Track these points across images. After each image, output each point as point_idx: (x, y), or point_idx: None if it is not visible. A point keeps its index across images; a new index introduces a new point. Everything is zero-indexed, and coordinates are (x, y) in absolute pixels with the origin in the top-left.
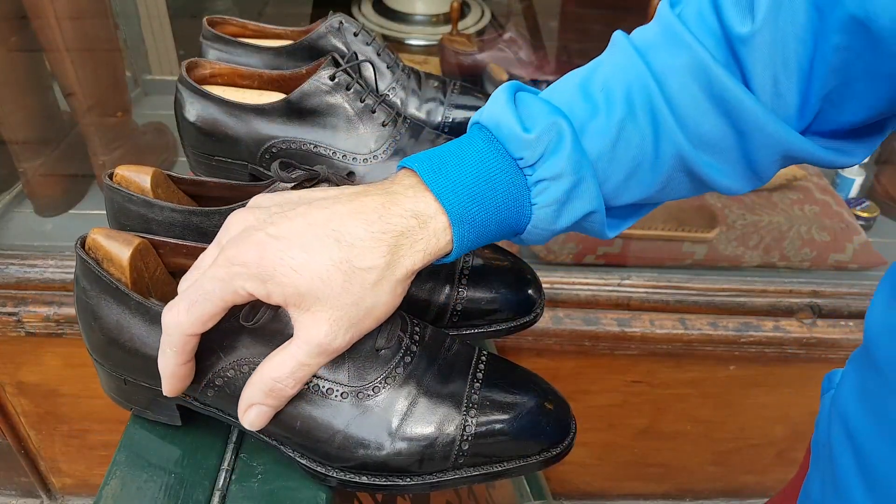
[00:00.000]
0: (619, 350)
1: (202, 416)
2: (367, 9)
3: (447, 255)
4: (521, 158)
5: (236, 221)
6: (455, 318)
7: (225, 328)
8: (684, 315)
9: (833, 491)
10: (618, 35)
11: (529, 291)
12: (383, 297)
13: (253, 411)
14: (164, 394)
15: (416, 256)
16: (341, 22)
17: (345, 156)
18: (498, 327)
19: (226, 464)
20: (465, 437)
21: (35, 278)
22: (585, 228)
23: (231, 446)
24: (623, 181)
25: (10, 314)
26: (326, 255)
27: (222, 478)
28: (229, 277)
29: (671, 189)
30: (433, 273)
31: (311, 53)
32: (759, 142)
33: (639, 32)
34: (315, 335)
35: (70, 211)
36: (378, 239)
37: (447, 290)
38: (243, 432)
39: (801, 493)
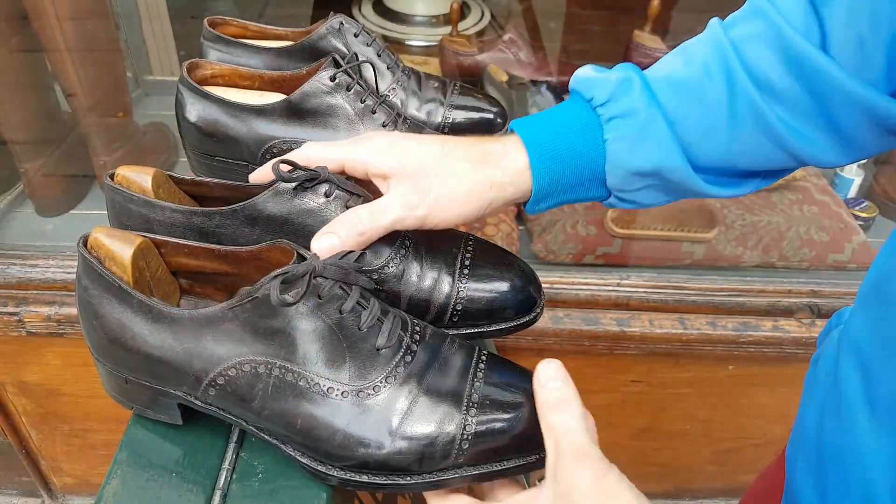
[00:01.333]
0: (618, 350)
1: (203, 416)
2: (368, 10)
3: (528, 190)
4: (592, 98)
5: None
6: (455, 319)
7: (228, 329)
8: (683, 315)
9: (834, 414)
10: (712, 20)
11: (529, 291)
12: (466, 185)
13: (325, 238)
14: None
15: (496, 172)
16: (342, 23)
17: None
18: (498, 327)
19: (227, 463)
20: (465, 436)
21: (36, 278)
22: (674, 182)
23: (232, 445)
24: (702, 137)
25: (11, 314)
26: (430, 146)
27: (223, 477)
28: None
29: (758, 154)
30: (433, 272)
31: (312, 54)
32: (838, 103)
33: (730, 15)
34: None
35: (71, 211)
36: (467, 142)
37: (447, 289)
38: (244, 431)
39: (792, 433)
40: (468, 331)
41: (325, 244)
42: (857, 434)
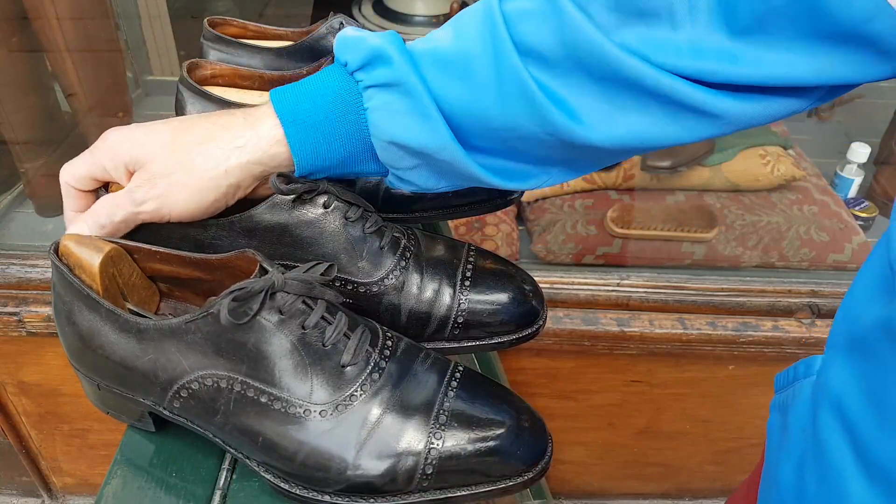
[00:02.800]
0: (618, 350)
1: None
2: (368, 10)
3: (287, 166)
4: (346, 63)
5: None
6: (456, 331)
7: (190, 341)
8: (683, 315)
9: (818, 477)
10: None
11: (532, 303)
12: (194, 176)
13: (77, 226)
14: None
15: (233, 153)
16: (342, 23)
17: None
18: (500, 340)
19: (226, 463)
20: (430, 459)
21: (36, 278)
22: (446, 163)
23: None
24: (472, 117)
25: (11, 314)
26: (158, 133)
27: (223, 477)
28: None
29: (528, 137)
30: (434, 283)
31: (312, 54)
32: (614, 84)
33: None
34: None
35: None
36: (200, 121)
37: (448, 301)
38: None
39: (762, 484)
40: (469, 343)
41: (75, 230)
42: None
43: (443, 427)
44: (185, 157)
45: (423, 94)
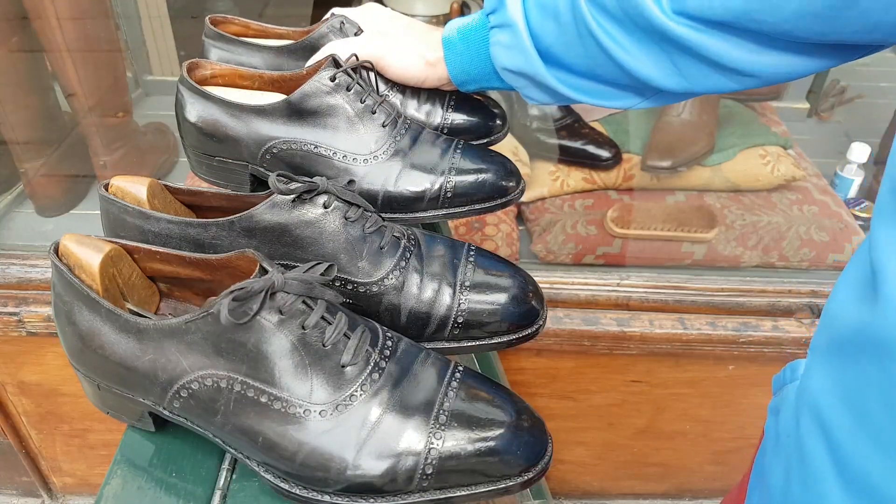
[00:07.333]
0: (618, 350)
1: None
2: None
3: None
4: (485, 7)
5: None
6: (456, 331)
7: (190, 341)
8: (683, 315)
9: (801, 483)
10: None
11: (532, 303)
12: (409, 56)
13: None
14: None
15: (429, 52)
16: (342, 22)
17: (345, 156)
18: (500, 339)
19: (226, 463)
20: (430, 459)
21: (36, 278)
22: (544, 85)
23: None
24: (562, 49)
25: (11, 314)
26: (398, 21)
27: (223, 477)
28: None
29: (606, 70)
30: (433, 283)
31: (313, 53)
32: (651, 35)
33: None
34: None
35: (71, 211)
36: (422, 32)
37: (448, 301)
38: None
39: (751, 480)
40: (469, 343)
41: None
42: None
43: (443, 427)
44: (410, 45)
45: (524, 33)
